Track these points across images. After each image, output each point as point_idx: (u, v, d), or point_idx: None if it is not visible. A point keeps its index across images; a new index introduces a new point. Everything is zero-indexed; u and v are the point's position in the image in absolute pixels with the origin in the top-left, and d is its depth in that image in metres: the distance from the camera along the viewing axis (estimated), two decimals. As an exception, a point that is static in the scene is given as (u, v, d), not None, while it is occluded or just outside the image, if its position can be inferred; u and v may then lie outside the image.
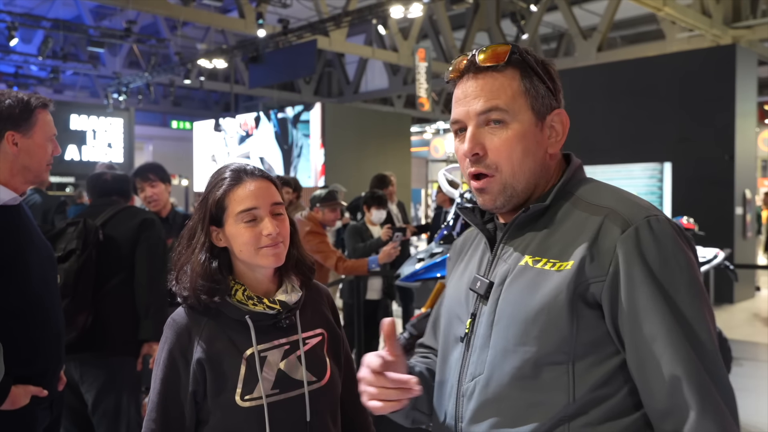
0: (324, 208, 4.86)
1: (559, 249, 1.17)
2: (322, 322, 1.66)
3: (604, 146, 10.80)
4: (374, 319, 5.80)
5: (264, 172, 1.59)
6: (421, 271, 3.81)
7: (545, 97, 1.29)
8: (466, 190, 3.98)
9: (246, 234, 1.50)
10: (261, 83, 16.95)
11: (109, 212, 3.13)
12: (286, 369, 1.53)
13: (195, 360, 1.48)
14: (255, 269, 1.55)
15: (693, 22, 14.63)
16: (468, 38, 19.86)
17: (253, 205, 1.51)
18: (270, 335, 1.54)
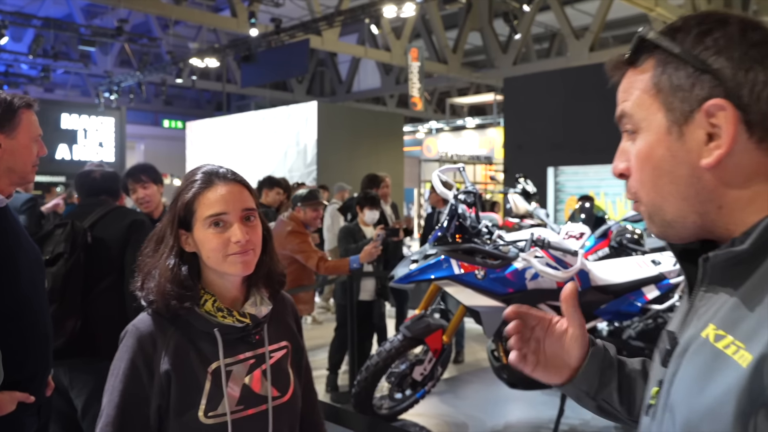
0: (305, 208, 4.77)
1: (750, 326, 0.80)
2: (287, 334, 1.60)
3: (600, 146, 10.77)
4: (367, 321, 5.77)
5: (237, 175, 1.51)
6: (415, 273, 3.77)
7: (693, 85, 0.86)
8: (461, 191, 3.95)
9: (214, 240, 1.42)
10: (253, 83, 16.89)
11: (98, 213, 3.05)
12: (251, 384, 1.47)
13: (162, 371, 1.39)
14: (223, 277, 1.47)
15: (684, 23, 14.69)
16: (460, 38, 19.85)
17: (222, 210, 1.43)
18: (236, 348, 1.47)
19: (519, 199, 8.70)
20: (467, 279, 3.67)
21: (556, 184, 11.23)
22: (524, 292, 3.72)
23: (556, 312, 3.54)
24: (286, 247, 4.61)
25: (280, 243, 4.64)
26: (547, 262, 3.72)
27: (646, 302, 3.89)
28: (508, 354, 3.95)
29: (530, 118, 11.84)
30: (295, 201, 4.81)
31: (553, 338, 1.15)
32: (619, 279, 3.92)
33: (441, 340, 3.89)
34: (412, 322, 3.93)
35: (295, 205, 4.79)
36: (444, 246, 3.77)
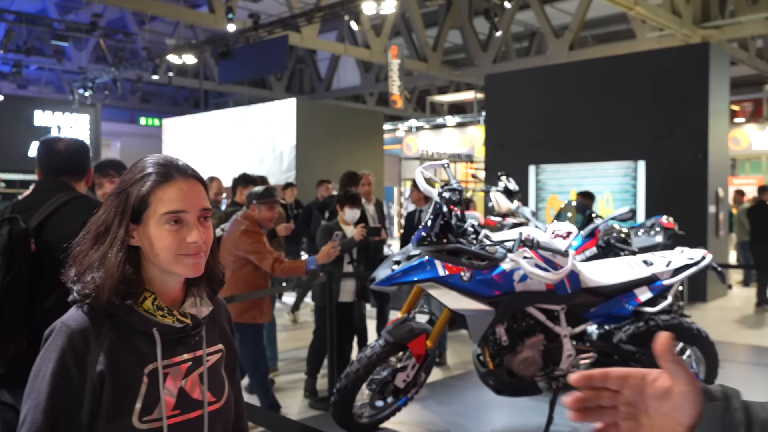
0: (260, 206, 4.51)
1: None
2: (222, 337, 1.52)
3: (578, 144, 10.68)
4: (347, 323, 5.54)
5: (196, 172, 1.40)
6: (397, 275, 3.56)
7: None
8: (445, 188, 3.74)
9: (168, 238, 1.32)
10: (231, 79, 16.56)
11: (54, 203, 2.54)
12: (188, 388, 1.39)
13: (96, 372, 1.29)
14: (167, 275, 1.37)
15: (663, 22, 14.66)
16: (441, 36, 19.69)
17: (182, 207, 1.33)
18: (174, 350, 1.38)
19: (501, 198, 8.52)
20: (452, 281, 3.47)
21: (538, 182, 11.08)
22: (512, 295, 3.53)
23: (545, 315, 3.32)
24: (239, 247, 4.40)
25: (234, 243, 4.43)
26: (537, 263, 3.53)
27: (638, 305, 3.71)
28: (494, 359, 3.74)
29: (511, 116, 11.68)
30: (249, 199, 4.55)
31: (654, 397, 0.89)
32: (610, 280, 3.74)
33: (425, 346, 3.68)
34: (394, 327, 3.72)
35: (249, 203, 4.53)
36: (428, 246, 3.56)
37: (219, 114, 15.98)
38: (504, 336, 3.68)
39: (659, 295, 3.75)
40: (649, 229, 5.69)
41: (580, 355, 3.75)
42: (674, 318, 3.87)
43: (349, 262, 5.58)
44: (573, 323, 3.75)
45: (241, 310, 4.40)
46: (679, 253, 3.89)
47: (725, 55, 10.57)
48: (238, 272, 4.46)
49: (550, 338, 3.73)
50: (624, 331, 3.87)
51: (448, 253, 3.54)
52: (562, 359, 3.72)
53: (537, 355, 3.69)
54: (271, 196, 4.49)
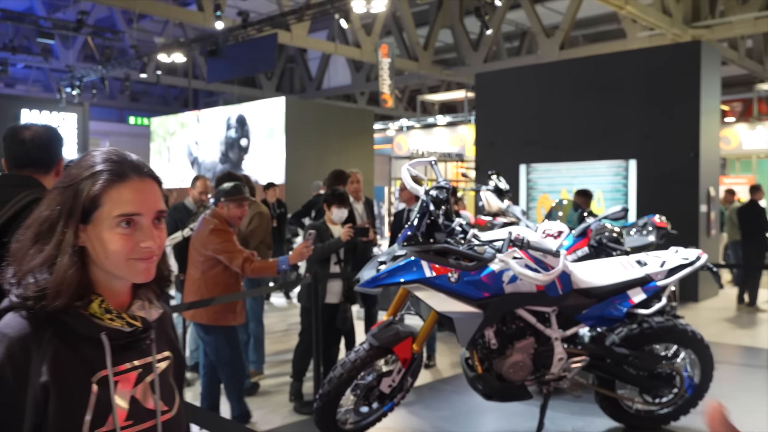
0: (229, 204, 4.24)
1: None
2: (168, 344, 1.41)
3: (570, 143, 10.56)
4: (333, 325, 5.39)
5: (152, 170, 1.29)
6: (382, 276, 3.41)
7: None
8: (433, 186, 3.60)
9: (120, 242, 1.22)
10: (220, 78, 16.38)
11: (19, 203, 2.22)
12: (139, 396, 1.29)
13: (39, 384, 1.17)
14: (115, 279, 1.27)
15: (654, 21, 14.59)
16: (431, 35, 19.57)
17: (137, 210, 1.23)
18: (123, 356, 1.27)
19: (492, 197, 8.39)
20: (439, 282, 3.32)
21: (528, 181, 10.96)
22: (501, 297, 3.39)
23: (536, 317, 3.17)
24: (208, 247, 4.20)
25: (202, 243, 4.24)
26: (527, 263, 3.39)
27: (631, 306, 3.58)
28: (483, 363, 3.60)
29: (502, 115, 11.56)
30: (218, 196, 4.34)
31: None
32: (603, 281, 3.60)
33: (411, 349, 3.54)
34: (379, 330, 3.57)
35: (218, 200, 4.31)
36: (414, 246, 3.41)
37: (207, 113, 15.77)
38: (493, 339, 3.54)
39: (653, 296, 3.62)
40: (641, 229, 5.57)
41: (571, 358, 3.62)
42: (668, 320, 3.74)
43: (336, 263, 5.43)
44: (564, 326, 3.61)
45: (212, 312, 4.21)
46: (674, 253, 3.76)
47: (717, 54, 10.48)
48: (207, 273, 4.27)
49: (541, 341, 3.60)
50: (617, 334, 3.74)
51: (435, 253, 3.40)
52: (553, 363, 3.59)
53: (527, 358, 3.56)
54: (240, 194, 4.29)
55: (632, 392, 3.84)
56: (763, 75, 19.09)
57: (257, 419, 4.88)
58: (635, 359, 3.67)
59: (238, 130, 14.62)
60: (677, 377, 3.80)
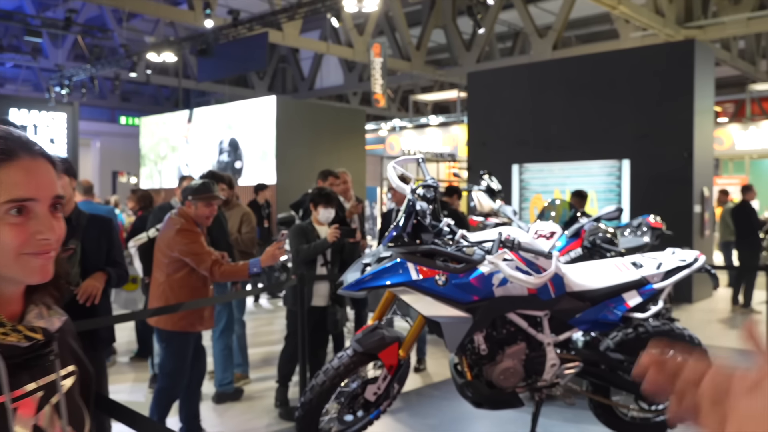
0: (197, 202, 3.99)
1: None
2: (72, 356, 1.18)
3: (563, 143, 10.42)
4: (320, 328, 5.22)
5: (43, 149, 1.07)
6: (367, 278, 3.24)
7: None
8: (420, 185, 3.43)
9: (10, 233, 1.00)
10: (211, 77, 16.19)
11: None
12: (43, 424, 1.05)
13: None
14: (4, 282, 1.03)
15: (647, 21, 14.50)
16: (424, 35, 19.42)
17: (30, 194, 1.01)
18: (21, 377, 1.04)
19: (483, 197, 8.23)
20: (426, 285, 3.16)
21: (521, 181, 10.81)
22: (491, 300, 3.22)
23: (527, 321, 3.00)
24: (174, 248, 3.95)
25: (168, 244, 3.99)
26: (518, 265, 3.22)
27: (627, 310, 3.42)
28: (472, 369, 3.44)
29: (494, 114, 11.40)
30: (185, 194, 4.09)
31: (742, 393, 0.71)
32: (597, 284, 3.44)
33: (397, 355, 3.37)
34: (363, 335, 3.39)
35: (185, 199, 4.07)
36: (400, 248, 3.25)
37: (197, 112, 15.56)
38: (483, 344, 3.37)
39: (649, 299, 3.46)
40: (635, 229, 5.42)
41: (564, 364, 3.45)
42: (665, 324, 3.58)
43: (323, 265, 5.27)
44: (557, 330, 3.45)
45: (177, 317, 3.95)
46: (671, 254, 3.60)
47: (710, 53, 10.36)
48: (173, 276, 4.00)
49: (533, 347, 3.43)
50: (611, 339, 3.58)
51: (421, 255, 3.23)
52: (546, 369, 3.42)
53: (518, 364, 3.39)
54: (209, 192, 4.04)
55: (627, 399, 3.68)
56: (755, 76, 19.03)
57: (241, 425, 4.71)
58: (631, 365, 3.50)
59: (231, 154, 14.42)
60: (674, 383, 3.65)
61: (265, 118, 13.53)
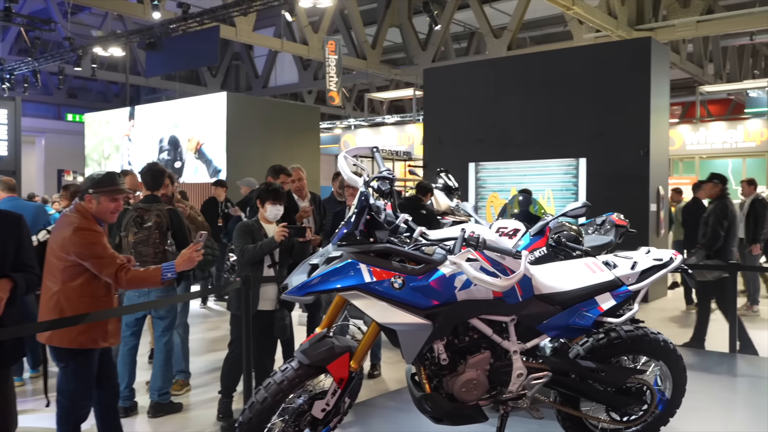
0: (99, 196, 3.38)
1: None
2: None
3: (519, 141, 10.18)
4: (267, 335, 4.79)
5: None
6: (314, 281, 2.83)
7: None
8: (374, 177, 3.04)
9: None
10: (159, 72, 15.50)
11: None
12: None
13: None
14: None
15: (600, 22, 14.50)
16: (380, 33, 19.13)
17: None
18: None
19: (441, 195, 7.90)
20: (380, 289, 2.77)
21: (478, 180, 10.54)
22: (453, 305, 2.85)
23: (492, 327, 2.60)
24: (70, 250, 3.31)
25: (62, 246, 3.33)
26: (482, 266, 2.86)
27: (600, 314, 3.09)
28: (431, 381, 3.06)
29: (451, 112, 11.10)
30: (84, 187, 3.49)
31: None
32: (567, 286, 3.10)
33: (348, 367, 2.97)
34: (310, 345, 2.99)
35: (85, 192, 3.44)
36: (351, 247, 2.85)
37: (144, 109, 14.87)
38: (443, 354, 3.00)
39: (624, 302, 3.14)
40: (599, 227, 5.15)
41: (532, 374, 3.11)
42: (638, 328, 3.27)
43: (270, 266, 4.83)
44: (524, 337, 3.10)
45: (77, 333, 3.30)
46: (645, 253, 3.30)
47: (666, 52, 10.26)
48: (69, 284, 3.33)
49: (498, 355, 3.08)
50: (581, 345, 3.25)
51: (375, 254, 2.85)
52: (512, 379, 3.07)
53: (482, 375, 3.03)
54: (113, 184, 3.43)
55: (598, 410, 3.36)
56: (702, 79, 19.29)
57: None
58: (602, 373, 3.18)
59: (171, 153, 13.78)
60: (647, 392, 3.34)
61: (214, 116, 12.96)
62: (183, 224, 4.80)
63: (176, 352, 5.52)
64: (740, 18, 15.33)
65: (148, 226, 4.69)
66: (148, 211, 4.76)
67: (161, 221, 4.71)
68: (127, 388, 4.84)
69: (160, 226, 4.71)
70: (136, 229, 4.71)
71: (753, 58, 22.21)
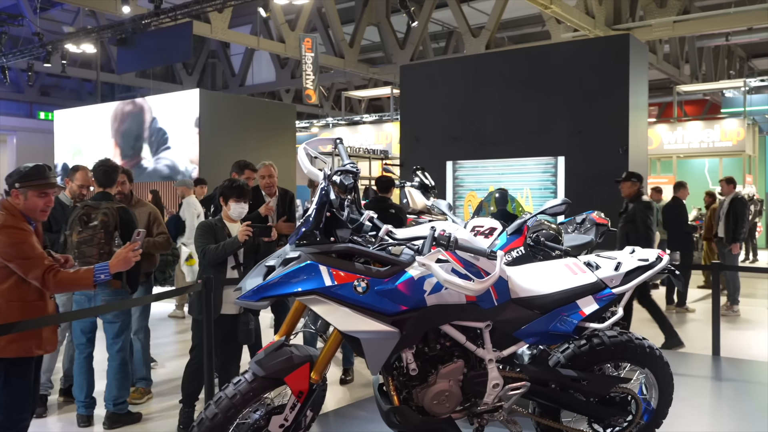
0: (26, 191, 3.09)
1: None
2: None
3: (497, 139, 9.95)
4: (232, 340, 4.49)
5: None
6: (270, 285, 2.55)
7: None
8: (336, 170, 2.77)
9: None
10: (131, 68, 15.08)
11: None
12: None
13: None
14: None
15: (578, 22, 14.38)
16: (357, 32, 18.84)
17: None
18: None
19: (416, 194, 7.64)
20: (342, 293, 2.50)
21: (455, 178, 10.30)
22: (422, 310, 2.59)
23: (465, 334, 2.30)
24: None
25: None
26: (454, 267, 2.60)
27: (582, 319, 2.85)
28: (400, 392, 2.78)
29: (428, 109, 10.85)
30: (10, 181, 3.17)
31: None
32: (547, 289, 2.86)
33: (308, 379, 2.69)
34: (266, 355, 2.70)
35: (11, 186, 3.15)
36: (310, 247, 2.58)
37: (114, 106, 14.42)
38: (412, 363, 2.73)
39: (607, 306, 2.90)
40: (579, 226, 4.92)
41: (509, 384, 2.85)
42: (621, 333, 3.03)
43: (234, 267, 4.53)
44: (500, 344, 2.84)
45: (5, 341, 2.99)
46: (629, 253, 3.06)
47: (644, 49, 10.09)
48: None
49: (472, 364, 2.82)
50: (561, 352, 3.01)
51: (337, 255, 2.57)
52: (487, 390, 2.82)
53: (455, 386, 2.77)
54: (43, 177, 3.14)
55: (580, 421, 3.12)
56: (678, 79, 19.26)
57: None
58: (584, 382, 2.93)
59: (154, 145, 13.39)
60: (632, 402, 3.10)
61: (187, 113, 12.58)
62: (133, 224, 4.45)
63: (136, 359, 5.19)
64: (716, 18, 15.29)
65: (94, 225, 4.32)
66: (96, 209, 4.39)
67: (108, 220, 4.34)
68: (87, 398, 4.51)
69: (106, 225, 4.33)
70: (81, 227, 4.33)
71: (728, 59, 22.27)
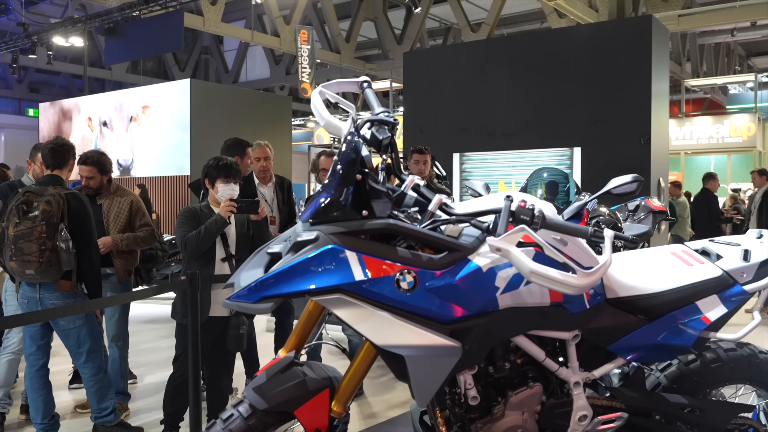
0: None
1: None
2: None
3: (508, 129, 9.15)
4: (220, 346, 3.67)
5: None
6: (270, 280, 1.73)
7: None
8: (365, 120, 1.95)
9: None
10: (119, 59, 14.21)
11: None
12: None
13: None
14: None
15: (580, 15, 13.77)
16: (354, 27, 18.15)
17: None
18: None
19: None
20: (379, 290, 1.67)
21: (462, 171, 9.50)
22: (493, 315, 1.77)
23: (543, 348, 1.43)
24: None
25: None
26: (538, 254, 1.78)
27: (706, 327, 2.03)
28: (451, 425, 1.97)
29: (433, 99, 10.04)
30: None
31: None
32: (655, 286, 2.04)
33: (327, 411, 1.86)
34: (269, 378, 1.86)
35: None
36: (333, 225, 1.75)
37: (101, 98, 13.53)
38: (472, 389, 1.91)
39: (736, 309, 2.08)
40: (631, 214, 4.14)
41: (600, 415, 2.04)
42: (741, 346, 2.22)
43: (224, 259, 3.70)
44: (589, 362, 2.03)
45: None
46: (756, 238, 2.25)
47: (666, 33, 9.30)
48: None
49: (552, 389, 2.01)
50: (662, 371, 2.19)
51: (371, 237, 1.75)
52: (571, 425, 2.00)
53: (530, 419, 1.95)
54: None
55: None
56: (680, 76, 18.64)
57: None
58: (697, 412, 2.12)
59: None
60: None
61: (178, 104, 11.73)
62: (85, 214, 3.56)
63: (112, 370, 4.35)
64: (722, 12, 14.72)
65: (33, 216, 3.38)
66: (39, 195, 3.47)
67: (51, 210, 3.41)
68: (46, 418, 3.64)
69: (49, 216, 3.40)
70: (18, 218, 3.40)
71: (728, 58, 21.70)
